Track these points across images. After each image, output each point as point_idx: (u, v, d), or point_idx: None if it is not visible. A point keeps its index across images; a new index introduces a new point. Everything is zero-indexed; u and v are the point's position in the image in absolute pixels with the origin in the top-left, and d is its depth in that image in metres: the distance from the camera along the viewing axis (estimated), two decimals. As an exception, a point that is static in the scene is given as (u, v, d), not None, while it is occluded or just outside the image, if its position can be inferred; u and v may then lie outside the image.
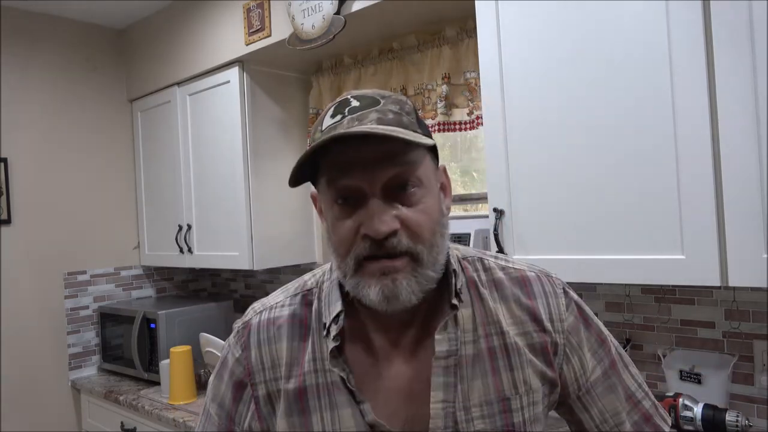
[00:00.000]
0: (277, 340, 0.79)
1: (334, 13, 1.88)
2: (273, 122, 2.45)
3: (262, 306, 0.84)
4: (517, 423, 0.74)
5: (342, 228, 0.70)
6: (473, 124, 1.92)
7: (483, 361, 0.75)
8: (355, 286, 0.70)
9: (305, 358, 0.77)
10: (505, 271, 0.82)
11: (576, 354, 0.80)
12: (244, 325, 0.83)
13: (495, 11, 1.50)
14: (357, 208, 0.69)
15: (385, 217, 0.67)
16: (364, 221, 0.68)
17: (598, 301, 1.74)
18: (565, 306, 0.81)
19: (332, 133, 0.66)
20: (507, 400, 0.74)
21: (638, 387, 0.84)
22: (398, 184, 0.69)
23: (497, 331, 0.77)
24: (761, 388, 1.45)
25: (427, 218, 0.70)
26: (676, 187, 1.23)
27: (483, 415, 0.73)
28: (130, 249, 2.90)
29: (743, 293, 1.47)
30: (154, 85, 2.72)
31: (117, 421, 2.40)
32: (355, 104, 0.70)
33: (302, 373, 0.76)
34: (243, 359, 0.80)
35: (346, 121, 0.68)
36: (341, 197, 0.70)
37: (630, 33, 1.29)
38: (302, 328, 0.79)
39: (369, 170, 0.67)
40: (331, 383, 0.75)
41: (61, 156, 2.68)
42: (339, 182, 0.69)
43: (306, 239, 2.56)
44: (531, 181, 1.46)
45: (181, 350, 2.21)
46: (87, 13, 2.69)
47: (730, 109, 1.15)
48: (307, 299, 0.81)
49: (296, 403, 0.76)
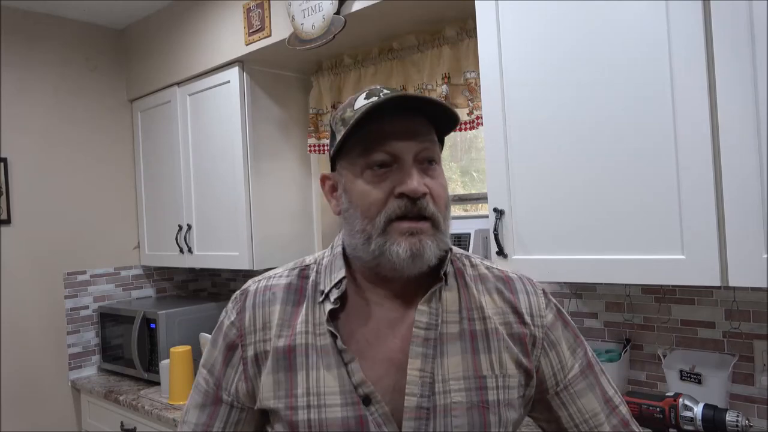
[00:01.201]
0: (271, 303, 0.84)
1: (334, 13, 1.88)
2: (273, 122, 2.45)
3: (261, 276, 0.90)
4: (491, 401, 0.78)
5: (375, 191, 0.76)
6: (473, 124, 1.92)
7: (465, 340, 0.80)
8: (382, 244, 0.76)
9: (297, 320, 0.81)
10: (490, 270, 0.88)
11: (554, 349, 0.84)
12: (242, 292, 0.88)
13: (495, 11, 1.50)
14: (390, 175, 0.76)
15: (420, 180, 0.76)
16: (401, 182, 0.75)
17: (598, 301, 1.74)
18: (545, 304, 0.86)
19: (390, 95, 0.75)
20: (483, 377, 0.79)
21: (615, 393, 0.87)
22: (426, 158, 0.78)
23: (480, 316, 0.82)
24: (761, 388, 1.45)
25: (445, 192, 0.80)
26: (676, 187, 1.23)
27: (460, 388, 0.77)
28: (130, 249, 2.90)
29: (743, 293, 1.47)
30: (154, 85, 2.72)
31: (117, 421, 2.40)
32: (386, 90, 0.79)
33: (293, 334, 0.80)
34: (237, 321, 0.84)
35: (383, 98, 0.75)
36: (378, 163, 0.76)
37: (630, 33, 1.28)
38: (297, 295, 0.84)
39: (405, 140, 0.76)
40: (320, 346, 0.79)
41: (61, 156, 2.68)
42: (378, 149, 0.76)
43: (306, 239, 2.56)
44: (531, 181, 1.46)
45: (181, 350, 2.21)
46: (87, 13, 2.69)
47: (730, 109, 1.15)
48: (304, 273, 0.87)
49: (284, 360, 0.79)
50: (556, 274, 1.43)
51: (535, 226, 1.46)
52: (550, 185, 1.42)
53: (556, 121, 1.41)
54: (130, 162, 2.91)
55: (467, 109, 1.92)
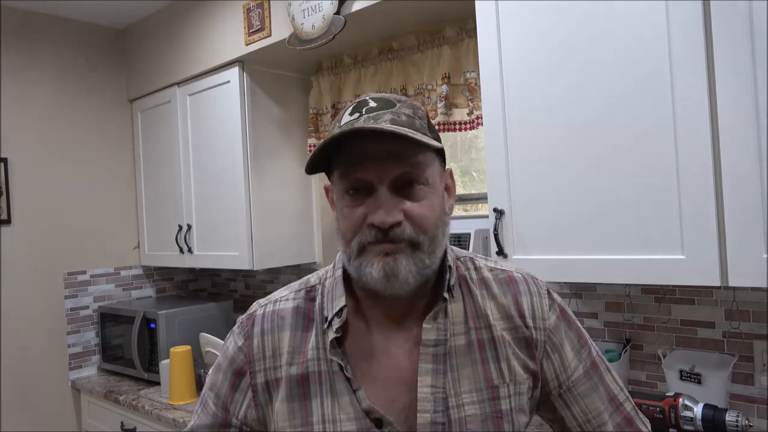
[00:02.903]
0: (280, 330, 0.83)
1: (334, 13, 1.88)
2: (273, 122, 2.45)
3: (267, 300, 0.88)
4: (504, 410, 0.78)
5: (351, 215, 0.76)
6: (473, 124, 1.92)
7: (473, 351, 0.80)
8: (358, 266, 0.76)
9: (308, 346, 0.81)
10: (493, 272, 0.87)
11: (557, 352, 0.84)
12: (248, 317, 0.87)
13: (495, 11, 1.50)
14: (367, 199, 0.75)
15: (391, 209, 0.74)
16: (371, 211, 0.74)
17: (598, 301, 1.74)
18: (548, 306, 0.86)
19: (348, 128, 0.73)
20: (495, 387, 0.79)
21: (620, 390, 0.87)
22: (406, 181, 0.75)
23: (485, 324, 0.82)
24: (761, 388, 1.45)
25: (431, 213, 0.77)
26: (676, 187, 1.23)
27: (473, 401, 0.77)
28: (130, 249, 2.90)
29: (743, 293, 1.47)
30: (154, 85, 2.72)
31: (117, 421, 2.39)
32: (373, 105, 0.77)
33: (305, 360, 0.80)
34: (245, 347, 0.83)
35: (362, 119, 0.74)
36: (353, 188, 0.76)
37: (631, 33, 1.28)
38: (305, 320, 0.83)
39: (380, 165, 0.74)
40: (332, 372, 0.79)
41: (61, 156, 2.68)
42: (352, 174, 0.75)
43: (306, 239, 2.56)
44: (531, 181, 1.46)
45: (181, 350, 2.21)
46: (87, 13, 2.69)
47: (730, 108, 1.15)
48: (310, 295, 0.86)
49: (298, 388, 0.79)
50: (556, 274, 1.43)
51: (535, 226, 1.46)
52: (551, 185, 1.42)
53: (557, 121, 1.41)
54: (130, 162, 2.91)
55: (467, 109, 1.92)
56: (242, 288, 2.97)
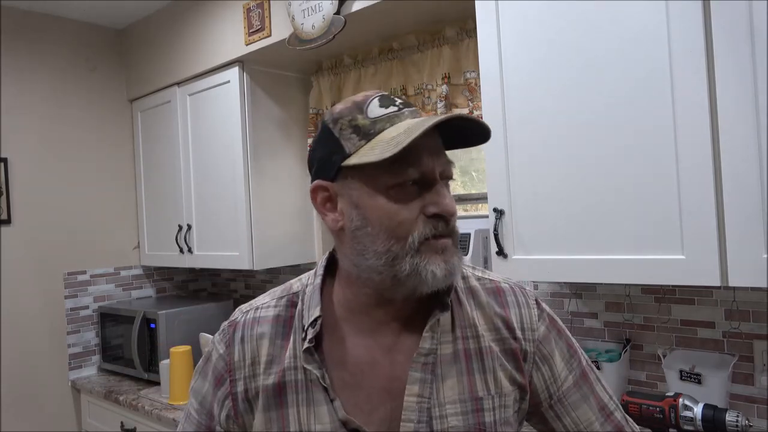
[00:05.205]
0: (259, 338, 0.81)
1: (334, 13, 1.88)
2: (273, 122, 2.45)
3: (249, 306, 0.87)
4: (488, 423, 0.77)
5: (405, 210, 0.73)
6: (473, 124, 1.92)
7: (459, 361, 0.78)
8: (415, 265, 0.72)
9: (286, 355, 0.79)
10: (480, 282, 0.86)
11: (546, 363, 0.83)
12: (230, 324, 0.85)
13: (495, 11, 1.50)
14: (422, 192, 0.73)
15: (452, 199, 0.75)
16: (434, 202, 0.73)
17: (598, 301, 1.74)
18: (537, 316, 0.84)
19: (445, 117, 0.71)
20: (480, 399, 0.77)
21: (610, 399, 0.86)
22: (448, 176, 0.76)
23: (473, 334, 0.80)
24: (761, 388, 1.45)
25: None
26: (676, 187, 1.23)
27: (456, 412, 0.76)
28: (130, 249, 2.90)
29: (743, 293, 1.47)
30: (154, 85, 2.72)
31: (117, 421, 2.40)
32: (398, 100, 0.76)
33: (282, 369, 0.78)
34: (226, 355, 0.82)
35: (407, 112, 0.75)
36: (411, 181, 0.73)
37: (631, 33, 1.28)
38: (285, 328, 0.82)
39: (437, 159, 0.74)
40: (309, 381, 0.77)
41: (61, 156, 2.68)
42: (411, 166, 0.72)
43: (306, 239, 2.56)
44: (531, 181, 1.46)
45: (181, 350, 2.21)
46: (87, 13, 2.69)
47: (730, 108, 1.15)
48: (292, 301, 0.84)
49: (275, 397, 0.78)
50: (556, 274, 1.43)
51: (535, 226, 1.46)
52: (551, 185, 1.42)
53: (557, 121, 1.41)
54: (130, 162, 2.91)
55: (467, 109, 1.92)
56: (242, 288, 2.97)
